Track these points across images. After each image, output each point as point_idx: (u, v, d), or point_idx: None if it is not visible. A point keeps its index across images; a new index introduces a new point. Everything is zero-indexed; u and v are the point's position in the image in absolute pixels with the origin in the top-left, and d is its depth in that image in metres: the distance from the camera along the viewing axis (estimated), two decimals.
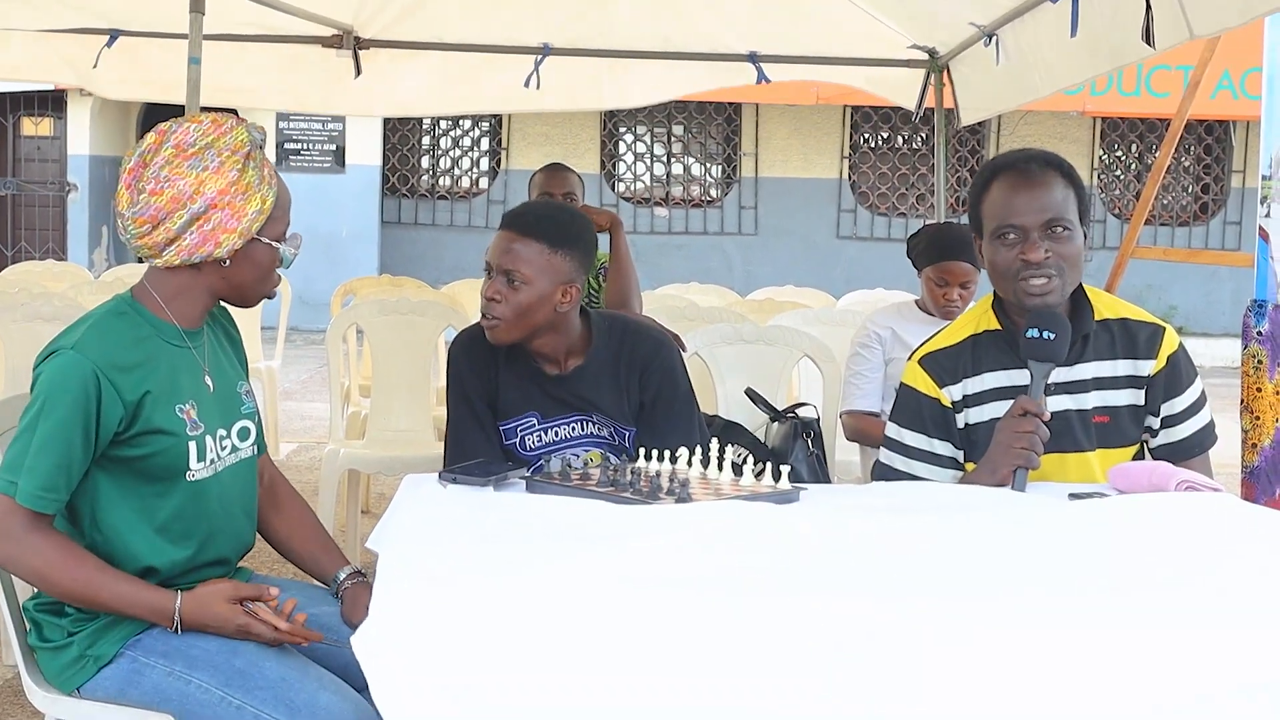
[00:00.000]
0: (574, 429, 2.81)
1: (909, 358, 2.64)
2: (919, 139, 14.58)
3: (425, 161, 14.83)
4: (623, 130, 14.58)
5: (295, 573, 2.73)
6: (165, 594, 2.13)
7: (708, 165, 14.88)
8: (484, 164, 14.79)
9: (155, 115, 12.30)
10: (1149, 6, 3.25)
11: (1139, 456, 2.59)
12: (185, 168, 2.12)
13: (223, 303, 2.32)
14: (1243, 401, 3.91)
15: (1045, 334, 2.38)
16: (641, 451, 2.34)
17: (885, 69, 5.71)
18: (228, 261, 2.18)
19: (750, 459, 2.32)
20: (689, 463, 2.28)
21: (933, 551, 1.85)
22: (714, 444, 2.30)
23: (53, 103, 14.11)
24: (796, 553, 1.83)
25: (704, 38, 5.51)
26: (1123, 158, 15.05)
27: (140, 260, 2.25)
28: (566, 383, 2.78)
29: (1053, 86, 4.41)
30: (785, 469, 2.26)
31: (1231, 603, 1.68)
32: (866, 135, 14.79)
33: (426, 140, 14.78)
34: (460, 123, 14.57)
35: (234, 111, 2.45)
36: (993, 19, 4.55)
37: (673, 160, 14.81)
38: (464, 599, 1.64)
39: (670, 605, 1.61)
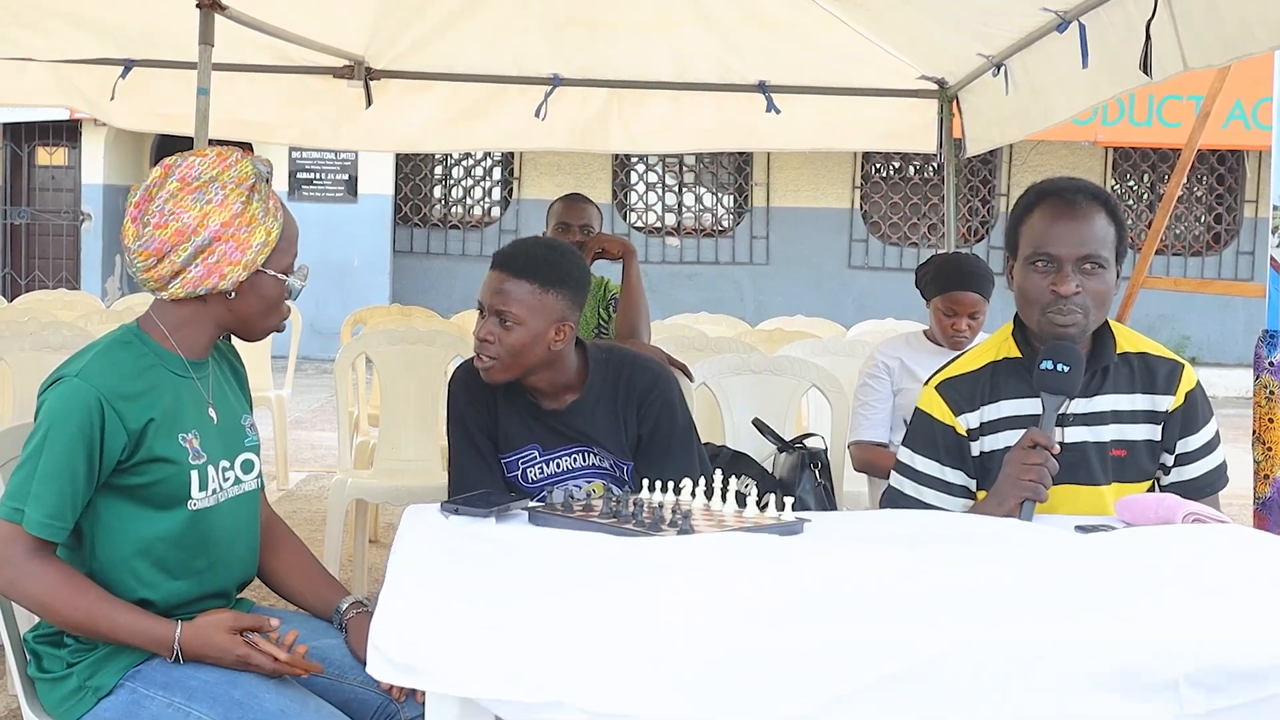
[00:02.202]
0: (576, 460, 2.79)
1: (926, 382, 2.63)
2: (930, 169, 14.59)
3: (437, 191, 14.89)
4: (635, 160, 14.62)
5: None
6: (165, 623, 2.12)
7: (719, 195, 14.91)
8: (496, 194, 14.84)
9: (169, 145, 12.39)
10: (1148, 36, 3.26)
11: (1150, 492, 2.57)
12: (190, 201, 2.12)
13: (231, 336, 2.32)
14: (1254, 432, 3.89)
15: (1059, 366, 2.37)
16: (645, 483, 2.33)
17: (894, 104, 5.72)
18: (233, 294, 2.19)
19: (755, 490, 2.31)
20: (692, 494, 2.27)
21: (937, 577, 1.84)
22: (718, 475, 2.28)
23: (67, 132, 14.22)
24: (799, 581, 1.82)
25: (713, 65, 5.52)
26: (1135, 187, 15.04)
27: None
28: (564, 417, 2.77)
29: (1061, 115, 4.41)
30: (790, 500, 2.25)
31: (1239, 617, 1.67)
32: (878, 165, 14.82)
33: (439, 170, 14.84)
34: (472, 153, 14.63)
35: (248, 145, 2.46)
36: (999, 49, 4.55)
37: (684, 190, 14.84)
38: (464, 622, 1.64)
39: (672, 622, 1.61)
